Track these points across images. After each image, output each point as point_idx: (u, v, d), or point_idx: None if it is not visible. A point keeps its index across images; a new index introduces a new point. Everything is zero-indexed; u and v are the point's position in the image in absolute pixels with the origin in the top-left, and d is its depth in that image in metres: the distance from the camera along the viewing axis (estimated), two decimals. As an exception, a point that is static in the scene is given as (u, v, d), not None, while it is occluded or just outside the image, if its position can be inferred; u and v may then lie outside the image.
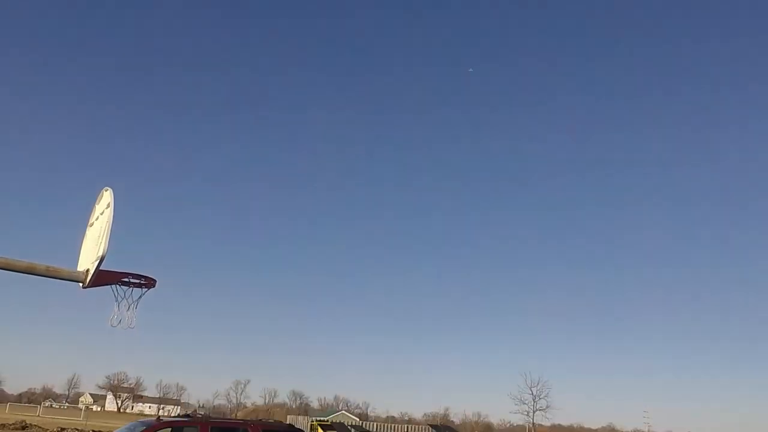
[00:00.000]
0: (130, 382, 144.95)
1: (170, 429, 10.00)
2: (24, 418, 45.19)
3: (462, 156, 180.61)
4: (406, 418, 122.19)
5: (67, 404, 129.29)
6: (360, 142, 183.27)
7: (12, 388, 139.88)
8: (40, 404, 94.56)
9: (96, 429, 39.22)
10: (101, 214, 8.49)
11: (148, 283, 8.79)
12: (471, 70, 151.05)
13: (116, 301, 8.66)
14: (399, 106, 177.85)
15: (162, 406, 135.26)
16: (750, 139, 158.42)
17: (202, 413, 16.54)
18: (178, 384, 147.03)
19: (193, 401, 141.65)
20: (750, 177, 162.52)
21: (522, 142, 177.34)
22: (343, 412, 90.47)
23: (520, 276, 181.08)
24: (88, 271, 8.34)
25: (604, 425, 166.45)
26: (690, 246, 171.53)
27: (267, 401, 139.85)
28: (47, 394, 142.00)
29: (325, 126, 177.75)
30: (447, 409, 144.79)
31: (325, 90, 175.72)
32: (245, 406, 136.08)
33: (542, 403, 56.58)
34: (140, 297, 8.79)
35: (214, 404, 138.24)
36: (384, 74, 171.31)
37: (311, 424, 36.72)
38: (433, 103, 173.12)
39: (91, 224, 9.02)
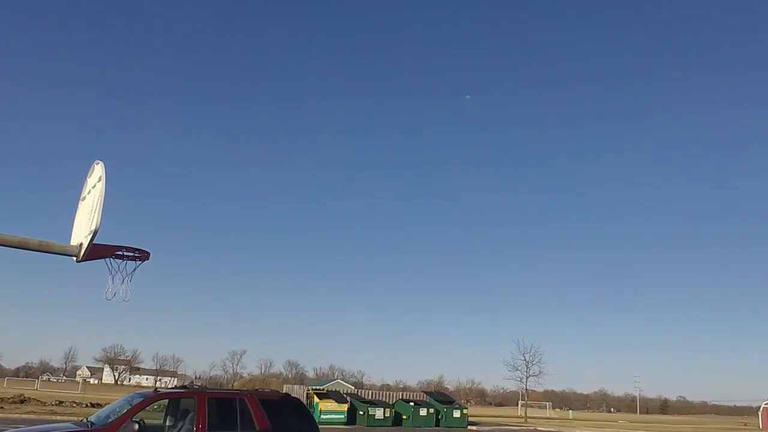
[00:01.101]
0: (126, 354, 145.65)
1: (167, 400, 10.07)
2: (22, 391, 45.44)
3: (460, 117, 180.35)
4: (401, 386, 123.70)
5: (64, 377, 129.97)
6: (360, 112, 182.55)
7: (9, 363, 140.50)
8: (38, 378, 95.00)
9: (94, 401, 39.48)
10: (93, 187, 8.46)
11: (142, 255, 8.80)
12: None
13: (110, 274, 8.68)
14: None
15: (159, 377, 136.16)
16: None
17: (199, 384, 16.64)
18: (174, 356, 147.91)
19: (189, 373, 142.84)
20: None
21: (516, 126, 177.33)
22: (339, 381, 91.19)
23: (513, 245, 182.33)
24: (81, 245, 8.33)
25: (596, 390, 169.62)
26: (683, 208, 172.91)
27: (263, 371, 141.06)
28: (44, 368, 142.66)
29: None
30: (441, 377, 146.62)
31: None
32: (241, 377, 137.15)
33: (535, 369, 57.18)
34: (134, 270, 8.81)
35: (211, 375, 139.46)
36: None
37: (307, 393, 37.08)
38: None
39: (83, 198, 8.98)
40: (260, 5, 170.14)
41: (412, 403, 38.25)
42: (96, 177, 8.36)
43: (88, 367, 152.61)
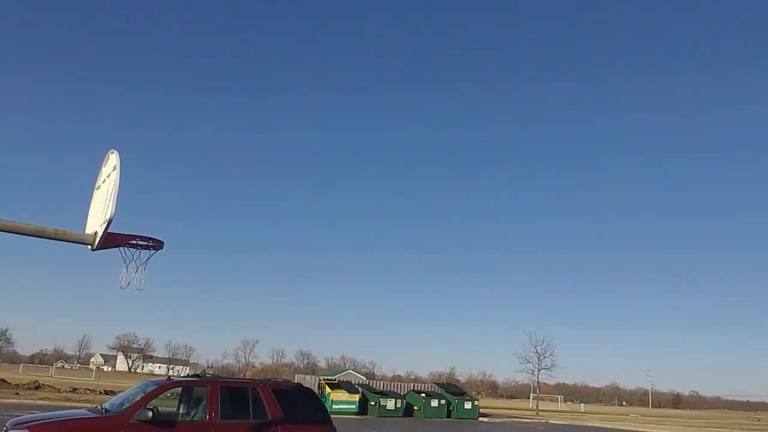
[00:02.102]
0: (139, 342, 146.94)
1: (181, 388, 10.13)
2: (37, 378, 45.97)
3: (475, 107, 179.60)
4: (413, 377, 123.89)
5: (78, 365, 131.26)
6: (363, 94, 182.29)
7: (24, 350, 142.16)
8: (52, 365, 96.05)
9: (107, 389, 39.89)
10: (108, 176, 8.48)
11: (156, 245, 8.82)
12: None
13: (124, 263, 8.70)
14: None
15: (171, 366, 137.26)
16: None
17: (211, 373, 16.85)
18: (187, 344, 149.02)
19: (202, 361, 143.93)
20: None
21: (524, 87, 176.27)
22: (350, 371, 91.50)
23: (525, 237, 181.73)
24: (96, 233, 8.36)
25: (608, 384, 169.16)
26: (696, 205, 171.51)
27: (275, 361, 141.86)
28: (59, 355, 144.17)
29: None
30: (453, 369, 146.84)
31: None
32: (254, 366, 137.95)
33: (547, 361, 56.94)
34: (148, 259, 8.83)
35: (223, 364, 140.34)
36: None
37: (319, 383, 37.23)
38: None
39: (98, 187, 9.01)
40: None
41: (423, 394, 38.32)
42: (111, 166, 8.37)
43: (101, 355, 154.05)
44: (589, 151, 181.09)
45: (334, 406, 33.47)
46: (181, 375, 29.19)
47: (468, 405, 38.86)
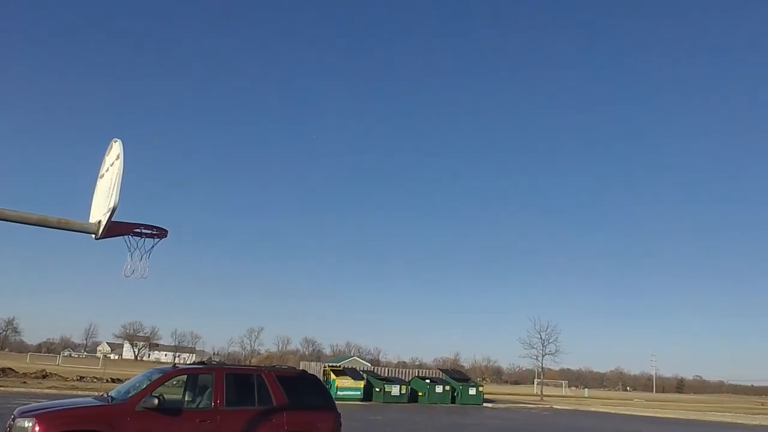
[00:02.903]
0: (145, 331, 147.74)
1: (186, 376, 10.18)
2: (44, 367, 46.27)
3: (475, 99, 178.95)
4: (417, 363, 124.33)
5: (85, 353, 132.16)
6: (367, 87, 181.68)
7: (31, 339, 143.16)
8: (59, 354, 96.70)
9: (114, 377, 40.14)
10: (111, 165, 8.48)
11: (160, 233, 8.83)
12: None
13: (129, 251, 8.72)
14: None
15: (177, 354, 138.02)
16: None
17: (217, 360, 16.82)
18: (192, 332, 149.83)
19: (207, 349, 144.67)
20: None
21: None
22: (355, 358, 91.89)
23: (529, 223, 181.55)
24: (100, 222, 8.38)
25: (612, 369, 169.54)
26: (699, 193, 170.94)
27: (280, 348, 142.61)
28: (66, 344, 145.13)
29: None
30: (457, 355, 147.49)
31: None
32: (259, 353, 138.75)
33: (551, 347, 56.99)
34: (152, 247, 8.84)
35: (229, 351, 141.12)
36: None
37: (324, 370, 37.38)
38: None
39: (102, 176, 9.02)
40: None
41: (428, 381, 38.46)
42: (114, 155, 8.38)
43: (108, 343, 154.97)
44: (592, 139, 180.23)
45: (339, 393, 33.61)
46: (187, 363, 29.37)
47: (472, 391, 39.00)
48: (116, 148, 8.34)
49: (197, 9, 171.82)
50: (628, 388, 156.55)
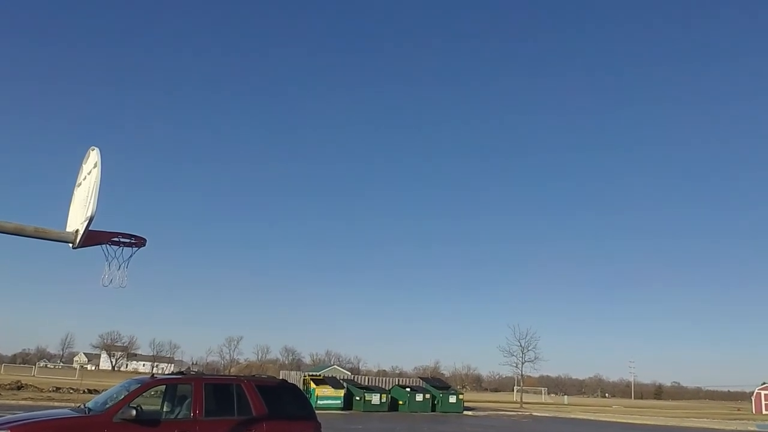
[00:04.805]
0: (123, 341, 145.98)
1: (165, 386, 10.09)
2: (19, 378, 45.52)
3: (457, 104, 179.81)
4: (398, 372, 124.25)
5: (61, 364, 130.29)
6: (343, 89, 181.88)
7: (6, 349, 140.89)
8: (35, 364, 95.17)
9: (91, 387, 39.61)
10: (89, 173, 8.41)
11: (138, 242, 8.76)
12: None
13: (107, 260, 8.64)
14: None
15: (156, 363, 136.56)
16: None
17: (196, 370, 16.74)
18: (171, 342, 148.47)
19: (186, 359, 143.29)
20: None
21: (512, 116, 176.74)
22: (335, 366, 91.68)
23: (509, 233, 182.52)
24: (77, 231, 8.29)
25: (591, 376, 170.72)
26: (678, 200, 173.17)
27: (260, 357, 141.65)
28: (42, 355, 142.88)
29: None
30: (437, 363, 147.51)
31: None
32: (238, 363, 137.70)
33: (530, 354, 57.31)
34: (130, 256, 8.77)
35: (208, 361, 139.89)
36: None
37: (304, 379, 37.23)
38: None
39: (79, 184, 8.93)
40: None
41: (408, 389, 38.43)
42: (91, 163, 8.31)
43: (85, 354, 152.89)
44: (568, 145, 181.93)
45: (319, 402, 33.47)
46: (165, 373, 29.14)
47: (453, 399, 39.04)
48: (93, 157, 8.27)
49: (176, 10, 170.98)
50: (606, 394, 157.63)
